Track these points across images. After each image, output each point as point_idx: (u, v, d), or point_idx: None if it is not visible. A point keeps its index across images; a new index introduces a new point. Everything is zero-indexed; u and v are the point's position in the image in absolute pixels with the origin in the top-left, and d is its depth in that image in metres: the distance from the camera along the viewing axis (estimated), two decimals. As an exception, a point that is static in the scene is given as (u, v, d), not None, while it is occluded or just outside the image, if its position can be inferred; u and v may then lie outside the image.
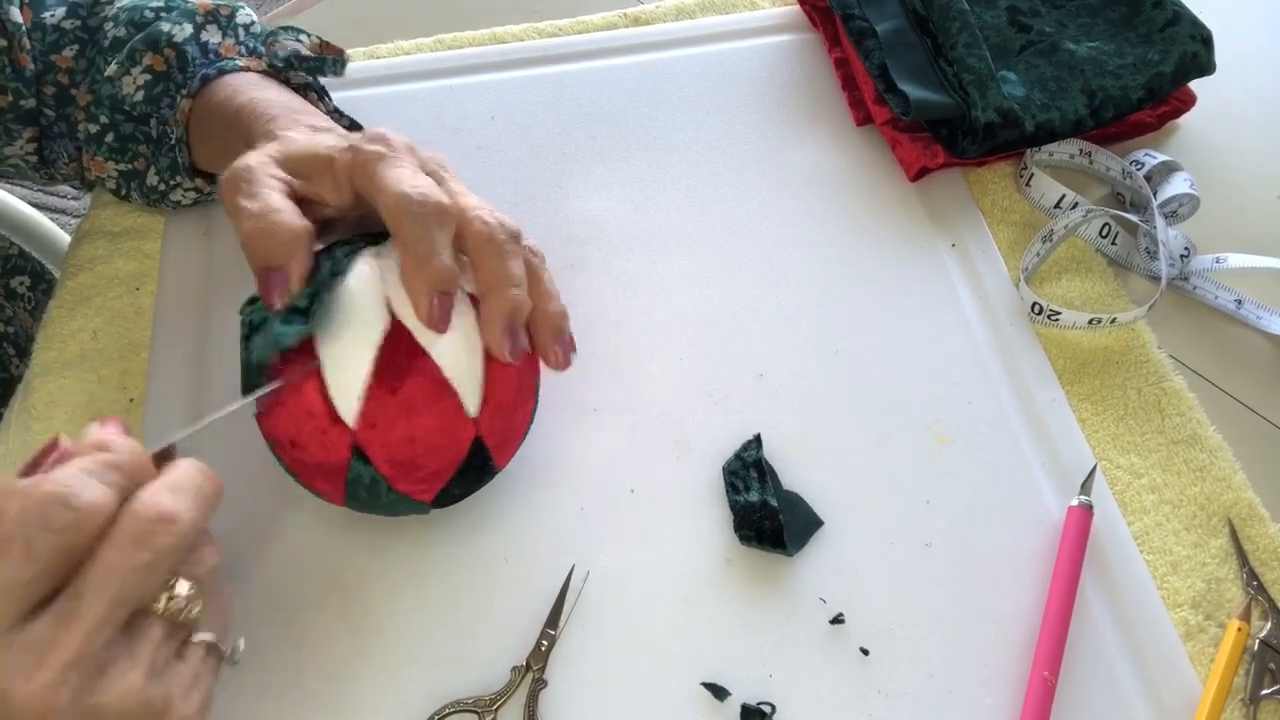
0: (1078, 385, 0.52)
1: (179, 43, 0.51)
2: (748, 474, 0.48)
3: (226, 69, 0.50)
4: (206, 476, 0.34)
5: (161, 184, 0.54)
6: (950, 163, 0.59)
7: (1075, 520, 0.46)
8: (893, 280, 0.55)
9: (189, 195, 0.55)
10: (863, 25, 0.62)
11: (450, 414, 0.40)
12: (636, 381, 0.52)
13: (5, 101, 0.53)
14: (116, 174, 0.55)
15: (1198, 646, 0.44)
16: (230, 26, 0.53)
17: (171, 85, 0.51)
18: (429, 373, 0.39)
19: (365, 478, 0.40)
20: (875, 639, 0.44)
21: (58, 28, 0.53)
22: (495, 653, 0.43)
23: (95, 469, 0.32)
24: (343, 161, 0.40)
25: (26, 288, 0.68)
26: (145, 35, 0.51)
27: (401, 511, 0.43)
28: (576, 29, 0.68)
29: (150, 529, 0.31)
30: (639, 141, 0.62)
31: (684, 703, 0.42)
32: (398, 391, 0.38)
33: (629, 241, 0.57)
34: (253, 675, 0.43)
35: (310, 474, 0.41)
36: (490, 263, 0.40)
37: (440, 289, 0.38)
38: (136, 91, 0.51)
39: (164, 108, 0.51)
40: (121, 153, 0.53)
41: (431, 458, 0.40)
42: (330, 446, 0.39)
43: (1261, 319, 0.55)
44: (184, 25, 0.51)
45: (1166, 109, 0.62)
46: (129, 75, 0.51)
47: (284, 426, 0.40)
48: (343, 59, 0.52)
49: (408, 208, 0.38)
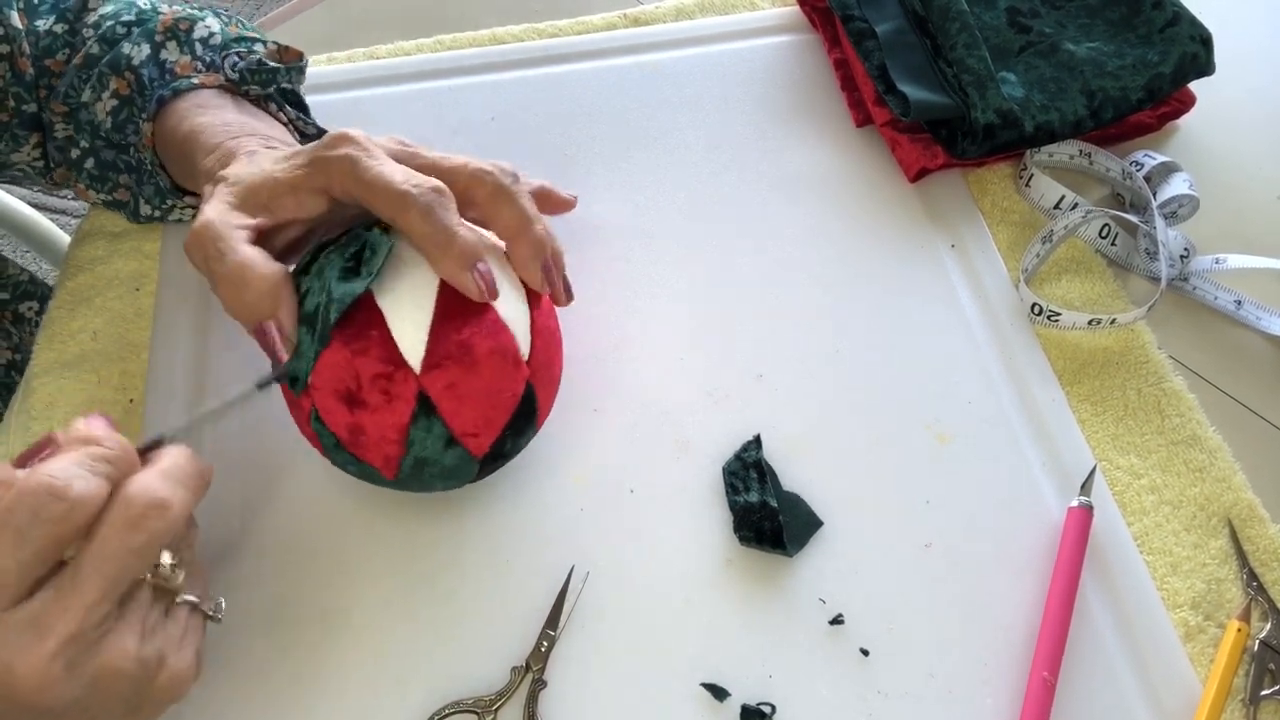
0: (1077, 386, 0.52)
1: (136, 65, 0.50)
2: (747, 474, 0.48)
3: (181, 88, 0.49)
4: (195, 463, 0.36)
5: (156, 211, 0.54)
6: (950, 163, 0.59)
7: (1075, 521, 0.46)
8: (893, 280, 0.56)
9: (188, 212, 0.55)
10: (862, 26, 0.62)
11: (509, 356, 0.41)
12: (636, 381, 0.52)
13: (10, 108, 0.53)
14: (102, 202, 0.55)
15: (1197, 647, 0.44)
16: (188, 41, 0.51)
17: (134, 110, 0.50)
18: (489, 314, 0.40)
19: (427, 427, 0.40)
20: (875, 639, 0.44)
21: (50, 32, 0.53)
22: (495, 653, 0.43)
23: (86, 461, 0.33)
24: (308, 176, 0.40)
25: (35, 312, 0.68)
26: (110, 58, 0.51)
27: (451, 476, 0.43)
28: (576, 29, 0.68)
29: (145, 514, 0.33)
30: (639, 141, 0.62)
31: (684, 703, 0.42)
32: (461, 330, 0.39)
33: (629, 241, 0.57)
34: (253, 676, 0.43)
35: (366, 439, 0.40)
36: (505, 210, 0.41)
37: (474, 262, 0.39)
38: (107, 118, 0.51)
39: (130, 134, 0.51)
40: (102, 181, 0.53)
41: (490, 401, 0.41)
42: (395, 396, 0.39)
43: (1261, 320, 0.55)
44: (142, 46, 0.51)
45: (1166, 110, 0.62)
46: (100, 101, 0.51)
47: (341, 379, 0.39)
48: (299, 65, 0.53)
49: (408, 202, 0.38)
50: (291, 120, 0.53)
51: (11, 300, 0.68)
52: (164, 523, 0.33)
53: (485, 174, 0.41)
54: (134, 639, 0.33)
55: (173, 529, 0.34)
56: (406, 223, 0.38)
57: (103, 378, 0.53)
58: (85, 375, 0.53)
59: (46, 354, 0.54)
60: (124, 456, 0.34)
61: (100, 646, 0.32)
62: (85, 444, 0.34)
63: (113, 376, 0.53)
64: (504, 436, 0.42)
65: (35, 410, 0.52)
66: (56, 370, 0.53)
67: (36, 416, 0.51)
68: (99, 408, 0.51)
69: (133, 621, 0.33)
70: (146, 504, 0.33)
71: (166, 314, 0.54)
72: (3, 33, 0.52)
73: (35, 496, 0.31)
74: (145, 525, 0.32)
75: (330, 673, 0.43)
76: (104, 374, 0.53)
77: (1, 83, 0.52)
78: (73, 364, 0.53)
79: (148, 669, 0.33)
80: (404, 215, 0.38)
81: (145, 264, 0.57)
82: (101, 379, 0.53)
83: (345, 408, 0.39)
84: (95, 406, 0.51)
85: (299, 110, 0.55)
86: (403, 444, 0.40)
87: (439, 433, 0.40)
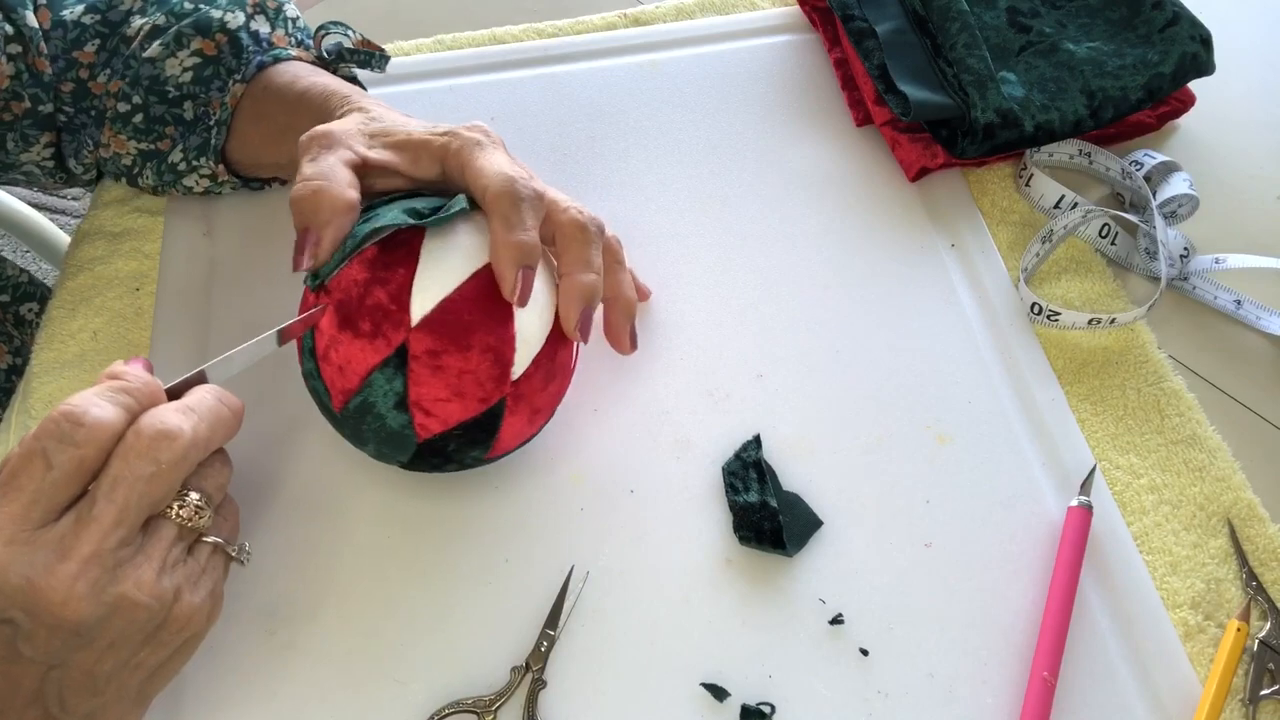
0: (1077, 385, 0.52)
1: (233, 29, 0.52)
2: (747, 474, 0.48)
3: (281, 57, 0.52)
4: (222, 399, 0.37)
5: (184, 163, 0.55)
6: (950, 163, 0.59)
7: (1075, 520, 0.46)
8: (893, 280, 0.56)
9: (202, 182, 0.56)
10: (862, 26, 0.62)
11: (498, 363, 0.41)
12: (636, 381, 0.52)
13: (22, 108, 0.53)
14: (136, 152, 0.55)
15: (1197, 647, 0.44)
16: (279, 18, 0.55)
17: (223, 69, 0.52)
18: (503, 317, 0.41)
19: (390, 377, 0.40)
20: (875, 639, 0.44)
21: (78, 24, 0.54)
22: (495, 653, 0.43)
23: (105, 392, 0.35)
24: (439, 144, 0.43)
25: (35, 314, 0.68)
26: (194, 20, 0.52)
27: (386, 442, 0.42)
28: (576, 29, 0.68)
29: (153, 444, 0.34)
30: (639, 141, 0.62)
31: (684, 703, 0.42)
32: (470, 313, 0.40)
33: (629, 241, 0.57)
34: (253, 676, 0.43)
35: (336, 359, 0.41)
36: (574, 249, 0.43)
37: (525, 263, 0.40)
38: (184, 73, 0.52)
39: (213, 89, 0.52)
40: (146, 133, 0.54)
41: (458, 390, 0.41)
42: (381, 334, 0.40)
43: (1261, 319, 0.55)
44: (236, 13, 0.53)
45: (1166, 109, 0.62)
46: (174, 57, 0.52)
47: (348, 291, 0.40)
48: (385, 55, 0.55)
49: (509, 187, 0.40)
50: None
51: (12, 302, 0.68)
52: (173, 453, 0.34)
53: (575, 212, 0.43)
54: (151, 571, 0.34)
55: (185, 460, 0.35)
56: (497, 202, 0.40)
57: (103, 378, 0.53)
58: (85, 375, 0.53)
59: (46, 354, 0.54)
60: (145, 390, 0.36)
61: (119, 573, 0.33)
62: (110, 378, 0.36)
63: (113, 376, 0.53)
64: (452, 434, 0.42)
65: (35, 410, 0.52)
66: (56, 370, 0.53)
67: (36, 417, 0.51)
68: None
69: (152, 554, 0.35)
70: (156, 433, 0.34)
71: (166, 314, 0.54)
72: (16, 34, 0.52)
73: (57, 422, 0.33)
74: (154, 455, 0.34)
75: (330, 673, 0.43)
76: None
77: (16, 84, 0.52)
78: (73, 364, 0.53)
79: (163, 602, 0.35)
80: (499, 196, 0.40)
81: (145, 264, 0.57)
82: (101, 379, 0.53)
83: (337, 321, 0.40)
84: (95, 406, 0.51)
85: None
86: (362, 381, 0.40)
87: (397, 389, 0.40)
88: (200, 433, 0.35)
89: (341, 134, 0.43)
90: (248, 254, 0.56)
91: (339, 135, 0.43)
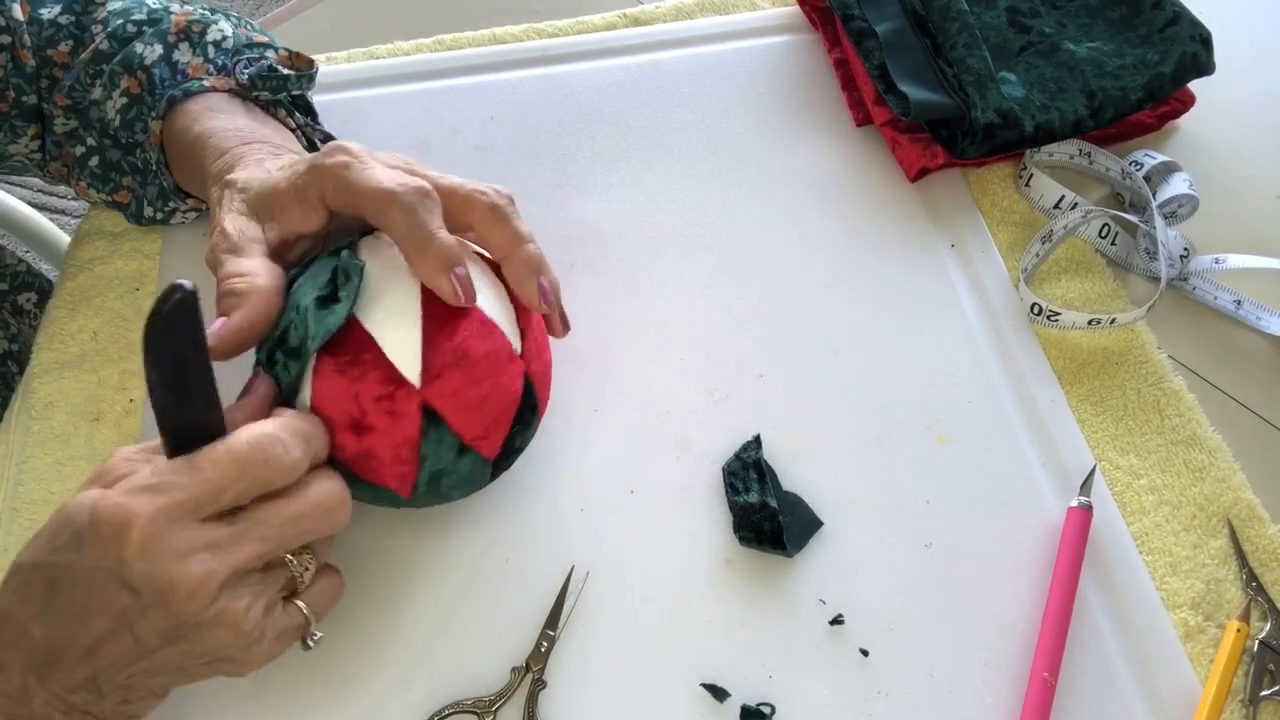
0: (1077, 385, 0.52)
1: (149, 65, 0.51)
2: (747, 474, 0.48)
3: (192, 90, 0.49)
4: None
5: (158, 214, 0.54)
6: (950, 163, 0.59)
7: (1075, 520, 0.46)
8: (893, 280, 0.56)
9: (189, 216, 0.55)
10: (862, 26, 0.62)
11: (502, 352, 0.41)
12: (636, 381, 0.52)
13: (9, 99, 0.53)
14: (102, 201, 0.55)
15: (1197, 647, 0.44)
16: (201, 44, 0.52)
17: (143, 109, 0.51)
18: (475, 315, 0.40)
19: (437, 439, 0.40)
20: (875, 639, 0.44)
21: (54, 22, 0.53)
22: (495, 653, 0.43)
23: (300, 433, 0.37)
24: (307, 185, 0.41)
25: (33, 304, 0.68)
26: (122, 57, 0.51)
27: (468, 483, 0.43)
28: (576, 29, 0.68)
29: (333, 511, 0.37)
30: (639, 141, 0.62)
31: (684, 703, 0.42)
32: (453, 336, 0.39)
33: (629, 241, 0.57)
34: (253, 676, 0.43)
35: (378, 461, 0.40)
36: (498, 229, 0.42)
37: (451, 266, 0.39)
38: (116, 116, 0.51)
39: (138, 132, 0.51)
40: (104, 181, 0.53)
41: (493, 401, 0.41)
42: (400, 414, 0.39)
43: (1261, 320, 0.55)
44: (155, 46, 0.51)
45: (1166, 109, 0.62)
46: (110, 99, 0.51)
47: (344, 409, 0.39)
48: (310, 73, 0.53)
49: (393, 200, 0.39)
50: (300, 126, 0.53)
51: (10, 291, 0.68)
52: (331, 527, 0.37)
53: (479, 194, 0.42)
54: (259, 607, 0.36)
55: (334, 533, 0.38)
56: (389, 220, 0.39)
57: (102, 378, 0.53)
58: (85, 375, 0.53)
59: (46, 354, 0.54)
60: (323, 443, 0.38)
61: (237, 593, 0.35)
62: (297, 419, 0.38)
63: (112, 376, 0.53)
64: (512, 433, 0.42)
65: (35, 410, 0.52)
66: (56, 370, 0.53)
67: (36, 416, 0.51)
68: (99, 407, 0.51)
69: (265, 592, 0.36)
70: (339, 503, 0.37)
71: (166, 314, 0.54)
72: (4, 24, 0.52)
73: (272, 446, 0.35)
74: (330, 519, 0.37)
75: (330, 673, 0.43)
76: (104, 374, 0.53)
77: (2, 73, 0.52)
78: (72, 364, 0.53)
79: (249, 639, 0.36)
80: (386, 213, 0.39)
81: (145, 264, 0.57)
82: (101, 379, 0.53)
83: (353, 436, 0.39)
84: (95, 406, 0.52)
85: (308, 116, 0.56)
86: (415, 460, 0.40)
87: (450, 442, 0.40)
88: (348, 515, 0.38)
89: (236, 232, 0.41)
90: (248, 254, 0.56)
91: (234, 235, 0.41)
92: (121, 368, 0.53)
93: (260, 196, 0.42)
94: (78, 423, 0.51)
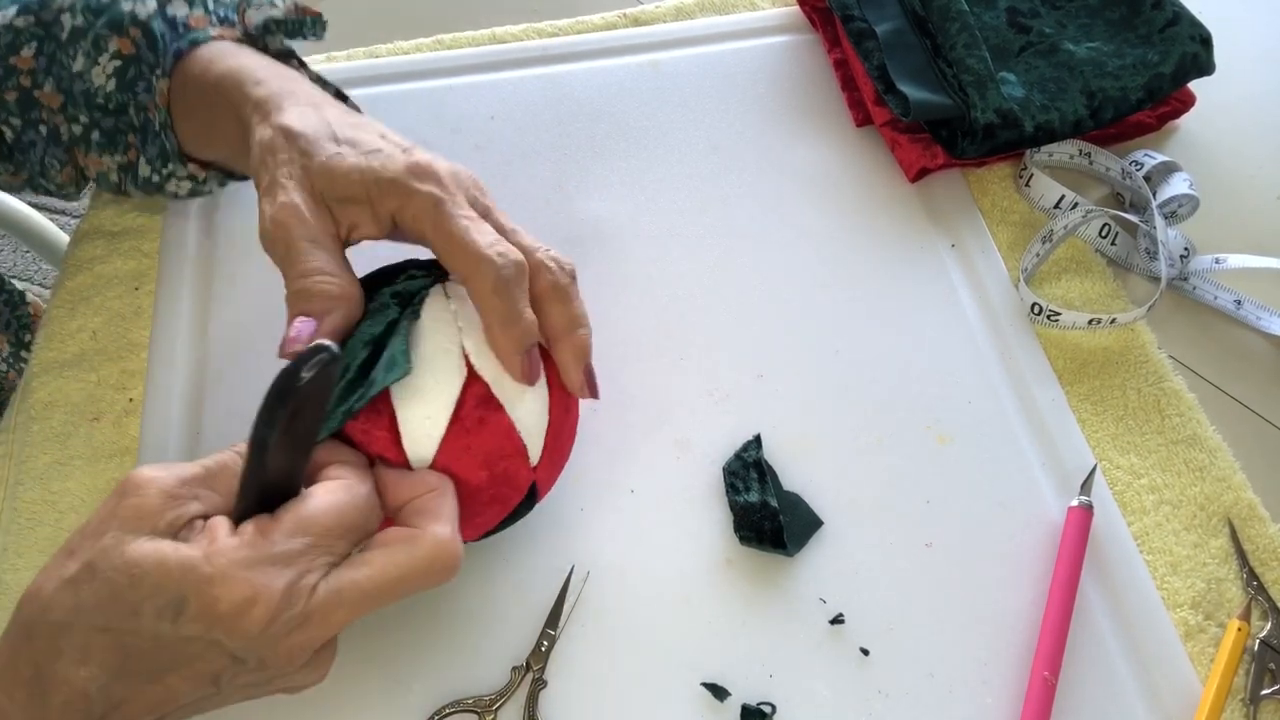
0: (1077, 385, 0.52)
1: (143, 20, 0.47)
2: (748, 474, 0.48)
3: (199, 40, 0.46)
4: None
5: (154, 175, 0.51)
6: (950, 163, 0.59)
7: (1075, 520, 0.46)
8: (893, 280, 0.55)
9: (184, 185, 0.51)
10: (862, 26, 0.62)
11: (517, 467, 0.39)
12: (636, 381, 0.52)
13: None
14: (115, 167, 0.51)
15: (1198, 646, 0.44)
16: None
17: (144, 68, 0.47)
18: (504, 427, 0.38)
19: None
20: (875, 639, 0.44)
21: (10, 27, 0.49)
22: (495, 653, 0.43)
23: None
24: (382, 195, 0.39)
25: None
26: (107, 19, 0.47)
27: None
28: (576, 29, 0.68)
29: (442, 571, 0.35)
30: (639, 141, 0.62)
31: (684, 703, 0.42)
32: (471, 447, 0.38)
33: (629, 241, 0.57)
34: (252, 675, 0.43)
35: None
36: (559, 308, 0.40)
37: (527, 345, 0.38)
38: (108, 81, 0.48)
39: (140, 93, 0.48)
40: (113, 145, 0.50)
41: (489, 509, 0.40)
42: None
43: (1261, 319, 0.55)
44: (147, 2, 0.47)
45: (1166, 109, 0.62)
46: (97, 65, 0.48)
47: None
48: (321, 20, 0.49)
49: (491, 273, 0.37)
50: (313, 79, 0.50)
51: None
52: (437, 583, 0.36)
53: (548, 270, 0.40)
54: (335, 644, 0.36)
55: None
56: (479, 289, 0.38)
57: (102, 377, 0.53)
58: (85, 374, 0.53)
59: (46, 354, 0.54)
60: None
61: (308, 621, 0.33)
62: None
63: (112, 376, 0.53)
64: (493, 530, 0.42)
65: (35, 410, 0.52)
66: (56, 369, 0.53)
67: (36, 416, 0.51)
68: (99, 407, 0.51)
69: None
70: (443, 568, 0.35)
71: (166, 313, 0.54)
72: None
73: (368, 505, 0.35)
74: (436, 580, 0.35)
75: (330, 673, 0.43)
76: (103, 373, 0.53)
77: None
78: (72, 363, 0.53)
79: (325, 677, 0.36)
80: (479, 280, 0.37)
81: (144, 263, 0.57)
82: (101, 378, 0.53)
83: None
84: (95, 406, 0.51)
85: None
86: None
87: None
88: None
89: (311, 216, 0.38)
90: (248, 253, 0.56)
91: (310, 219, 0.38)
92: (121, 367, 0.53)
93: (325, 175, 0.39)
94: (77, 422, 0.51)
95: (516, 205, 0.59)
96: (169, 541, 0.31)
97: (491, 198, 0.42)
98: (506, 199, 0.59)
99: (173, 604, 0.30)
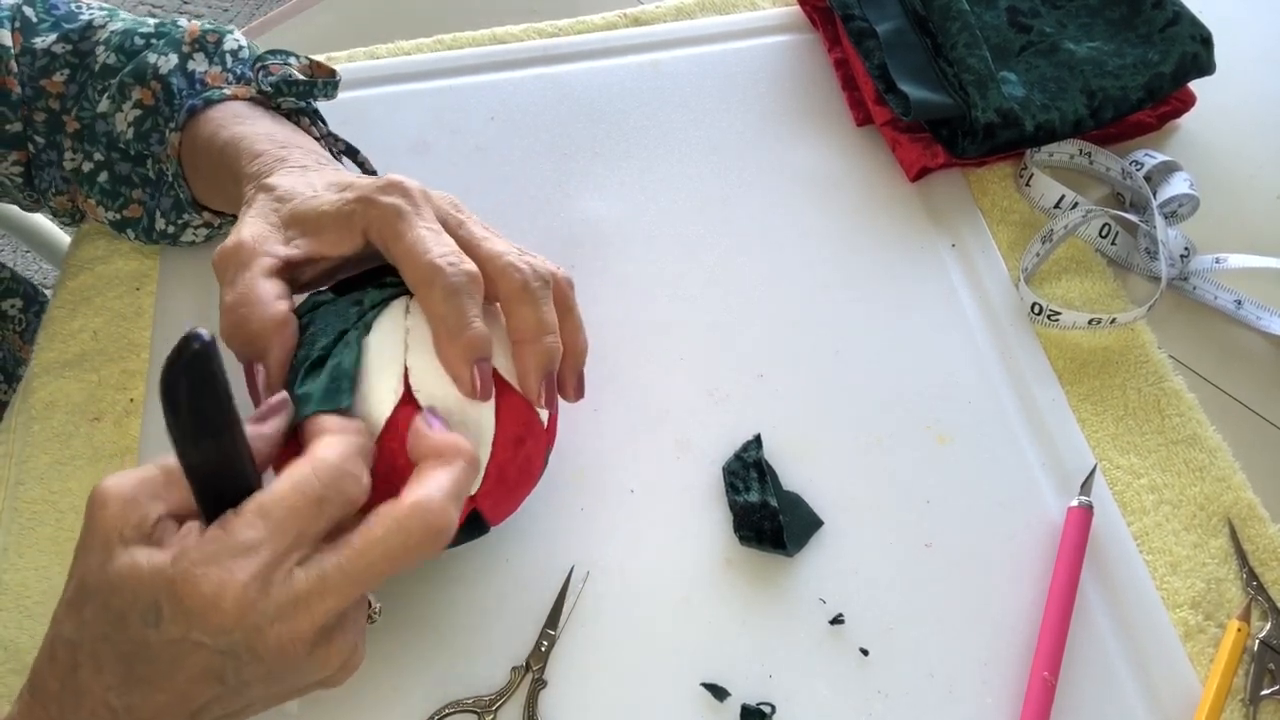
0: (1077, 385, 0.52)
1: (164, 74, 0.50)
2: (748, 474, 0.48)
3: (213, 99, 0.48)
4: None
5: (170, 226, 0.53)
6: (950, 163, 0.59)
7: (1075, 520, 0.46)
8: (893, 280, 0.56)
9: (200, 233, 0.54)
10: (863, 25, 0.62)
11: None
12: (636, 381, 0.52)
13: None
14: (109, 221, 0.54)
15: (1197, 646, 0.44)
16: (218, 54, 0.52)
17: (159, 120, 0.50)
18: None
19: None
20: (875, 639, 0.44)
21: (48, 52, 0.52)
22: (495, 653, 0.43)
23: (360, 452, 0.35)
24: (353, 214, 0.40)
25: (19, 310, 0.68)
26: (133, 68, 0.50)
27: None
28: (576, 29, 0.68)
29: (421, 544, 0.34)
30: (639, 141, 0.62)
31: (684, 703, 0.42)
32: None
33: (629, 242, 0.57)
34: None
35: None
36: (524, 311, 0.39)
37: (477, 358, 0.38)
38: (128, 129, 0.50)
39: (154, 144, 0.50)
40: (114, 197, 0.52)
41: None
42: None
43: (1261, 319, 0.55)
44: (169, 55, 0.50)
45: (1166, 109, 0.62)
46: (120, 111, 0.50)
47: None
48: (334, 80, 0.51)
49: (439, 281, 0.37)
50: (324, 135, 0.52)
51: None
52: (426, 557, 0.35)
53: (516, 270, 0.39)
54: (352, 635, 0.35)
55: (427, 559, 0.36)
56: (428, 297, 0.38)
57: (103, 377, 0.53)
58: (85, 375, 0.53)
59: (46, 353, 0.54)
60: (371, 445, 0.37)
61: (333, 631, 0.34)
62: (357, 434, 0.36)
63: (113, 376, 0.53)
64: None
65: (35, 410, 0.52)
66: (56, 370, 0.53)
67: (36, 416, 0.51)
68: (99, 407, 0.51)
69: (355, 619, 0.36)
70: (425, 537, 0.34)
71: (166, 313, 0.54)
72: None
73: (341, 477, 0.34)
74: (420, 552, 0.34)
75: (330, 672, 0.43)
76: (104, 373, 0.53)
77: None
78: (73, 363, 0.53)
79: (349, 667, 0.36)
80: (427, 288, 0.38)
81: (145, 263, 0.57)
82: (101, 378, 0.53)
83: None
84: (95, 406, 0.52)
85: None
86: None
87: None
88: None
89: (253, 241, 0.39)
90: (248, 254, 0.56)
91: (250, 245, 0.39)
92: (122, 367, 0.53)
93: (300, 212, 0.41)
94: (78, 422, 0.51)
95: (516, 206, 0.59)
96: (144, 549, 0.32)
97: (468, 212, 0.42)
98: (506, 199, 0.59)
99: (151, 610, 0.31)
